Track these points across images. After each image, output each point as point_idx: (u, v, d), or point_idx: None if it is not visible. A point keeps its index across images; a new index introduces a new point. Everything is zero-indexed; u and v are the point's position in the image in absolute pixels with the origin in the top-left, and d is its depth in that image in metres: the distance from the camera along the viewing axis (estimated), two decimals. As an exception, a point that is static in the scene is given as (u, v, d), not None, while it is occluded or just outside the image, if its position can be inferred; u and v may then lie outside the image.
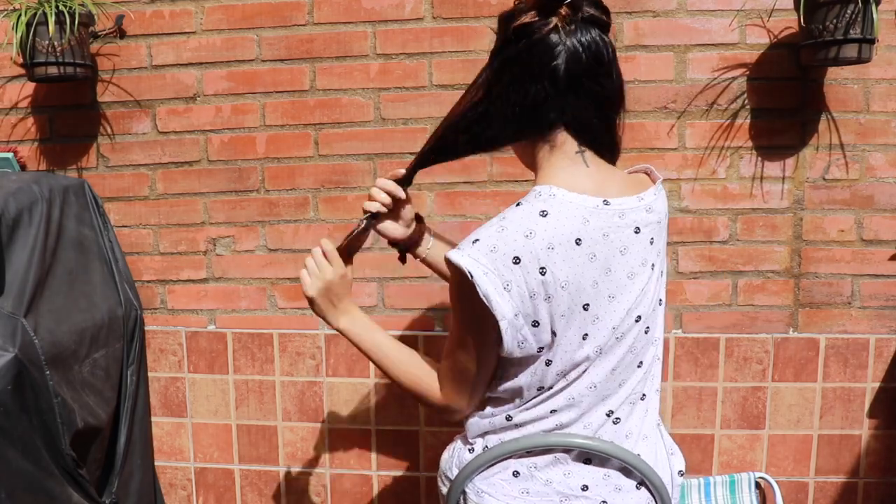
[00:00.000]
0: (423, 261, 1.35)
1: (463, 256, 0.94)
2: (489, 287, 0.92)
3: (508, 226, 0.95)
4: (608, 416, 1.06)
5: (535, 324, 0.96)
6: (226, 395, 2.03)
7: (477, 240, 0.95)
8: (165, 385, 2.06)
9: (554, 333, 0.98)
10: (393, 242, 1.31)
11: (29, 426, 1.48)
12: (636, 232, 1.01)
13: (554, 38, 0.95)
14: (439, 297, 1.93)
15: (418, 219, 1.32)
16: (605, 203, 0.98)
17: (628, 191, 1.04)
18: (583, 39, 0.96)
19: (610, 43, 1.00)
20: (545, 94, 0.97)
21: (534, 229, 0.94)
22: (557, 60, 0.95)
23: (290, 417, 2.02)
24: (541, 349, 0.99)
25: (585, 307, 0.97)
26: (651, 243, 1.04)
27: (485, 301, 0.93)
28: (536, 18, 0.97)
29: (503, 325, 0.94)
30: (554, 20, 0.96)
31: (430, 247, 1.33)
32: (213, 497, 2.08)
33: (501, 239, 0.94)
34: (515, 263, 0.93)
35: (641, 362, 1.08)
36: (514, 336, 0.96)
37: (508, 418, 1.07)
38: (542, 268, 0.93)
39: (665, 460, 1.15)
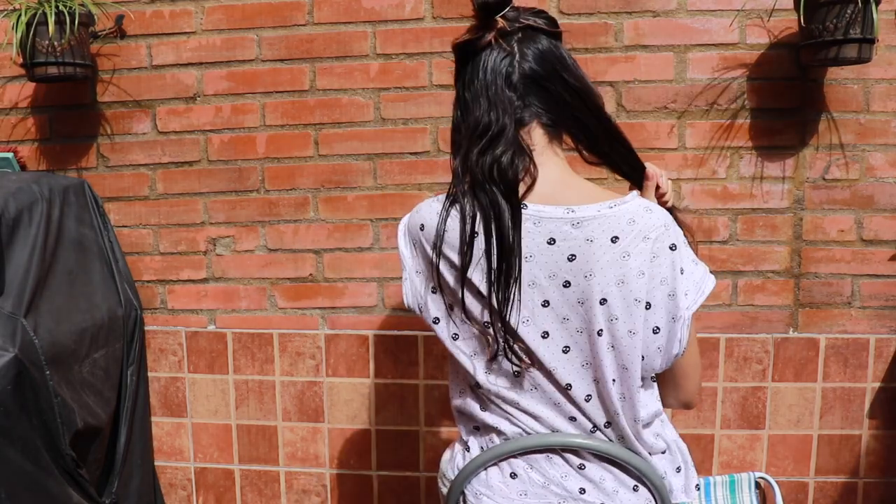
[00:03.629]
0: None
1: None
2: None
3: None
4: (567, 388, 1.04)
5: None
6: (226, 395, 2.03)
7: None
8: (165, 385, 2.06)
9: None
10: None
11: (29, 426, 1.48)
12: (549, 243, 0.99)
13: (495, 51, 1.01)
14: (439, 297, 1.93)
15: None
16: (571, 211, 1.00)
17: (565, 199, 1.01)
18: (526, 50, 1.01)
19: (555, 49, 1.03)
20: (502, 103, 1.01)
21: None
22: (504, 70, 1.01)
23: (290, 417, 2.02)
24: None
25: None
26: (569, 260, 1.00)
27: None
28: (475, 34, 1.03)
29: None
30: (489, 35, 1.02)
31: None
32: (213, 497, 2.08)
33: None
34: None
35: (568, 347, 1.03)
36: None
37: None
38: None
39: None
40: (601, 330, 1.01)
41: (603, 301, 1.00)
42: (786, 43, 1.78)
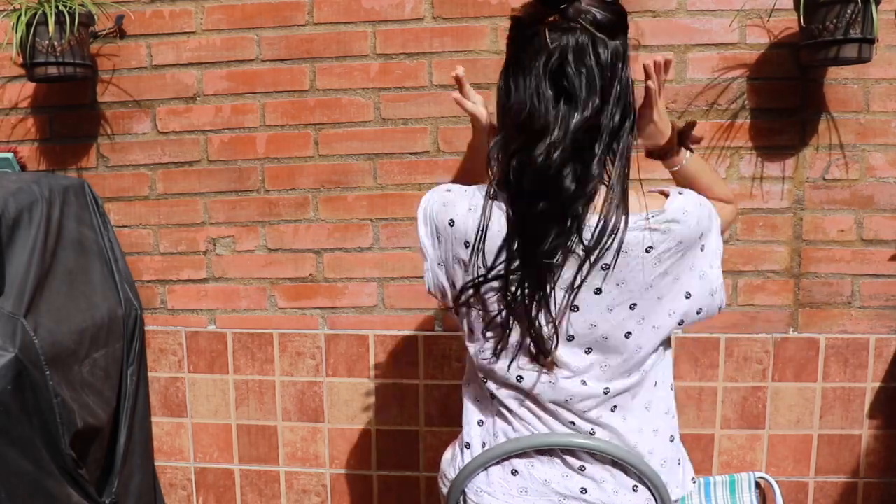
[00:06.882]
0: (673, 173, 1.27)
1: None
2: None
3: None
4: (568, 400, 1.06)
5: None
6: (226, 395, 2.03)
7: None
8: (165, 385, 2.06)
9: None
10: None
11: (29, 426, 1.48)
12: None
13: (544, 41, 0.95)
14: (439, 297, 1.93)
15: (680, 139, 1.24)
16: None
17: None
18: (569, 47, 0.94)
19: (601, 51, 0.95)
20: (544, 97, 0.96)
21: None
22: (545, 65, 0.95)
23: (290, 417, 2.02)
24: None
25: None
26: (602, 269, 0.99)
27: None
28: (530, 15, 0.97)
29: None
30: (541, 27, 0.95)
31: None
32: (213, 497, 2.08)
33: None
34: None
35: (590, 349, 1.05)
36: None
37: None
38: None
39: None
40: (629, 332, 1.03)
41: (633, 306, 1.02)
42: (786, 43, 1.78)
